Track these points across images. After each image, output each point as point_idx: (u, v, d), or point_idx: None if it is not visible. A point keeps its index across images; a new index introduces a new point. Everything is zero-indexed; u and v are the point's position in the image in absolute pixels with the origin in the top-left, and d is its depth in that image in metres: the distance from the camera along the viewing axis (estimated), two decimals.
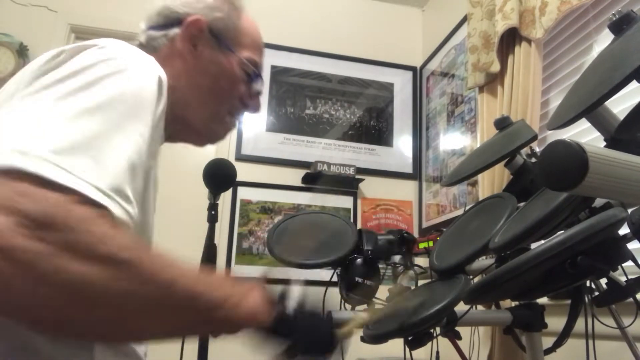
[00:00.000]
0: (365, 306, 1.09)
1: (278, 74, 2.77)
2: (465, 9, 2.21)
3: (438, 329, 0.98)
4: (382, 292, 1.10)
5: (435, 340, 1.04)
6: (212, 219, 1.29)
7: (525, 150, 1.11)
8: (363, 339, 0.93)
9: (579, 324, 0.97)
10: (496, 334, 1.64)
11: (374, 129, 2.84)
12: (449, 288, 0.91)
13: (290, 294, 0.67)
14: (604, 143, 0.79)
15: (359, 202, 2.68)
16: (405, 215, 2.73)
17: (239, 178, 1.44)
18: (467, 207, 1.19)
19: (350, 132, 2.80)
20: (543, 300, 1.04)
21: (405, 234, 1.25)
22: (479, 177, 1.95)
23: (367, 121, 2.84)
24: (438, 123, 2.67)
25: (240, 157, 2.57)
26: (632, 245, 0.75)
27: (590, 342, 0.95)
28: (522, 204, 0.98)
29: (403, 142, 2.86)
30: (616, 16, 0.77)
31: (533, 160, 1.10)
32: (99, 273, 0.45)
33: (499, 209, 1.00)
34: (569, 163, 0.50)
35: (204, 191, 1.30)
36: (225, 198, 2.49)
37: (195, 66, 0.80)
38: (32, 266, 0.42)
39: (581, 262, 0.67)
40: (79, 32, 2.58)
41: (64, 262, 0.43)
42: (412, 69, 2.98)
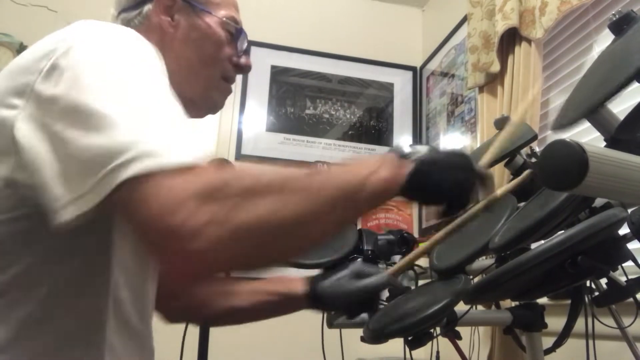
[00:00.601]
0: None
1: (278, 74, 2.77)
2: (465, 9, 2.20)
3: (438, 329, 0.98)
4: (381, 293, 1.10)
5: (435, 340, 1.04)
6: None
7: (525, 150, 1.11)
8: (363, 339, 0.93)
9: (579, 324, 0.97)
10: (496, 334, 1.63)
11: (374, 129, 2.84)
12: (449, 288, 0.91)
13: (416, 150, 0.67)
14: (604, 143, 0.79)
15: None
16: (405, 215, 2.72)
17: None
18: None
19: (350, 132, 2.79)
20: (543, 300, 1.04)
21: (405, 234, 1.25)
22: None
23: (367, 121, 2.84)
24: (438, 123, 2.67)
25: (240, 157, 2.57)
26: (632, 245, 0.75)
27: (590, 342, 0.95)
28: (522, 204, 0.98)
29: (403, 142, 2.86)
30: (616, 16, 0.76)
31: (533, 160, 1.10)
32: (276, 202, 0.51)
33: (499, 209, 1.00)
34: (568, 163, 0.50)
35: None
36: None
37: (176, 37, 0.79)
38: (230, 222, 0.48)
39: (581, 262, 0.67)
40: None
41: (250, 206, 0.49)
42: (412, 69, 2.97)
